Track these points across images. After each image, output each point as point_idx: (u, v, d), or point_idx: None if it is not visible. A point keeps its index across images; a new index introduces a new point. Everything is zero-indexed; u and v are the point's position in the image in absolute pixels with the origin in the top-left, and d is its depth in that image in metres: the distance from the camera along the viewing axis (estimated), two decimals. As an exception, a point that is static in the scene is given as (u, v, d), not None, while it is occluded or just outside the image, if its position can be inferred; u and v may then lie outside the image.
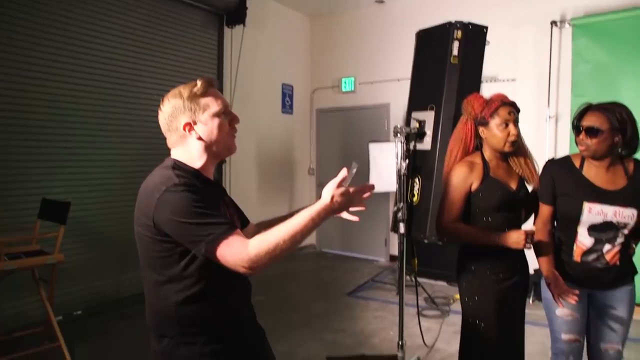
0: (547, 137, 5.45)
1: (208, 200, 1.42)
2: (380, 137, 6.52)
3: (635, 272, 2.35)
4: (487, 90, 5.67)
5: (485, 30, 3.46)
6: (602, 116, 2.17)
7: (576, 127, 2.25)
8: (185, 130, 1.51)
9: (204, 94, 1.53)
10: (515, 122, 2.26)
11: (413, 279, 4.86)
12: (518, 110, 2.30)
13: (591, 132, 2.17)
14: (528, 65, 5.72)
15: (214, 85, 1.58)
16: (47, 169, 4.29)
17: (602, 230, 2.20)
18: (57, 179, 4.37)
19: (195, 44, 5.70)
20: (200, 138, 1.52)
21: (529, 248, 2.19)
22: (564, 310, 2.32)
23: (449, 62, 3.28)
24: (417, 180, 3.37)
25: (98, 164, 4.70)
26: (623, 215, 2.17)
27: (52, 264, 3.40)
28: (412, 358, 3.58)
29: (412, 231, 3.34)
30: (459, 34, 3.28)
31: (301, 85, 7.58)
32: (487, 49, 5.81)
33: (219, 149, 1.57)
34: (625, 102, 2.26)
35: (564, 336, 2.35)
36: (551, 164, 2.38)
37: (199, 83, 1.54)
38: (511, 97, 2.33)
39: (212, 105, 1.53)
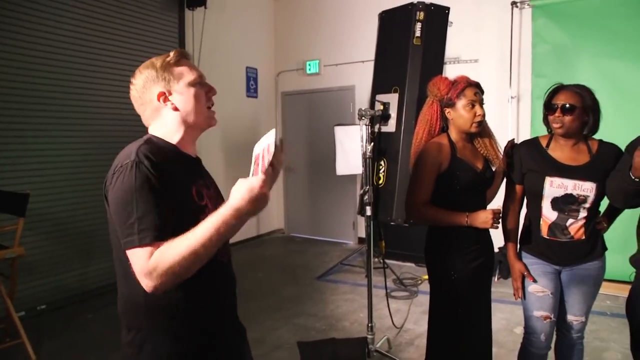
0: (510, 117, 5.57)
1: (168, 185, 1.30)
2: (346, 120, 6.53)
3: (605, 248, 2.43)
4: (451, 71, 5.85)
5: (447, 12, 3.48)
6: (575, 95, 2.28)
7: (549, 106, 2.32)
8: (159, 101, 1.43)
9: (178, 63, 1.46)
10: (481, 102, 2.30)
11: (382, 261, 4.93)
12: (482, 91, 2.35)
13: (566, 109, 2.26)
14: (490, 46, 5.80)
15: (188, 57, 1.50)
16: (5, 159, 4.15)
17: (564, 204, 2.30)
18: (17, 169, 4.23)
19: (155, 27, 5.55)
20: (176, 108, 1.44)
21: (497, 227, 2.27)
22: (536, 287, 2.41)
23: (411, 44, 3.29)
24: (382, 162, 3.39)
25: (60, 152, 4.57)
26: (582, 188, 2.27)
27: (12, 257, 3.31)
28: (381, 339, 3.64)
29: (378, 214, 3.36)
30: (421, 15, 3.28)
31: (266, 68, 7.50)
32: (450, 30, 5.82)
33: (198, 121, 1.47)
34: (581, 82, 2.36)
35: (536, 313, 2.43)
36: (520, 145, 2.48)
37: (172, 53, 1.46)
38: (474, 78, 2.37)
39: (187, 74, 1.46)
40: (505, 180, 2.53)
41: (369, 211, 3.19)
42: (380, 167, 3.36)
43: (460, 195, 2.30)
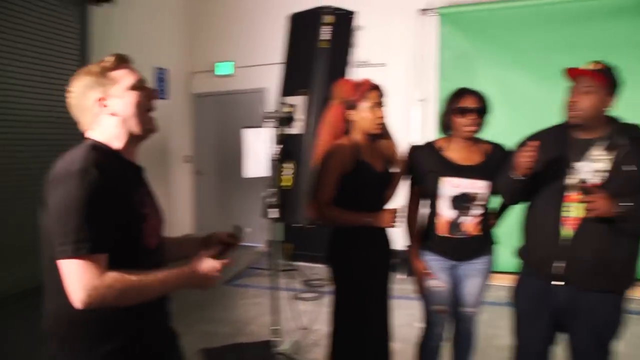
0: (417, 120, 5.76)
1: (112, 194, 1.30)
2: (259, 123, 6.47)
3: (494, 242, 2.59)
4: (360, 74, 5.89)
5: (353, 16, 3.57)
6: (478, 98, 2.41)
7: (458, 109, 2.40)
8: (97, 107, 1.40)
9: (116, 67, 1.43)
10: (382, 105, 2.36)
11: (290, 264, 4.94)
12: (384, 95, 2.42)
13: (481, 112, 2.40)
14: (398, 51, 5.97)
15: (127, 61, 1.47)
16: None
17: (460, 202, 2.42)
18: None
19: (54, 24, 5.10)
20: (115, 114, 1.41)
21: (397, 227, 2.36)
22: (434, 282, 2.52)
23: (319, 47, 3.34)
24: (291, 165, 3.40)
25: None
26: (477, 186, 2.40)
27: None
28: (288, 341, 3.64)
29: (285, 216, 3.36)
30: (328, 18, 3.34)
31: (177, 69, 7.23)
32: (359, 34, 5.99)
33: (138, 128, 1.44)
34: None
35: (434, 307, 2.55)
36: (417, 148, 2.57)
37: (110, 58, 1.44)
38: (383, 81, 2.45)
39: (126, 77, 1.43)
40: (406, 182, 2.61)
41: (272, 213, 3.19)
42: (289, 169, 3.37)
43: (362, 195, 2.35)
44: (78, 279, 1.23)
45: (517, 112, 4.96)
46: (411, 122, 5.75)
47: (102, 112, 1.41)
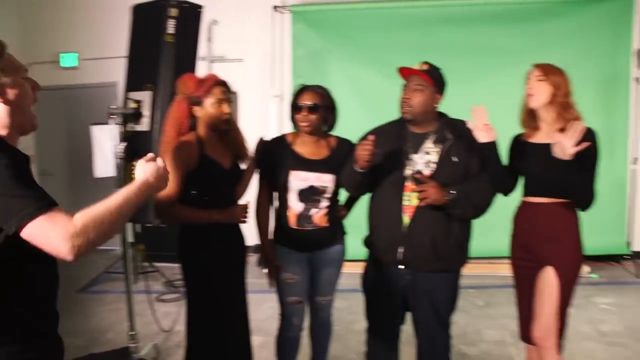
0: (273, 115, 5.83)
1: (25, 169, 1.28)
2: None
3: (345, 233, 2.71)
4: (216, 70, 5.85)
5: (200, 10, 3.48)
6: (317, 95, 2.48)
7: (296, 105, 2.49)
8: None
9: (2, 55, 1.36)
10: (228, 101, 2.35)
11: (149, 265, 4.75)
12: (230, 91, 2.40)
13: (312, 108, 2.44)
14: (255, 47, 5.97)
15: (6, 48, 1.38)
16: None
17: (308, 195, 2.50)
18: None
19: None
20: (5, 102, 1.34)
21: (246, 222, 2.40)
22: (288, 274, 2.57)
23: (164, 41, 3.22)
24: (136, 162, 3.25)
25: None
26: (323, 180, 2.50)
27: None
28: (147, 346, 3.49)
29: (136, 216, 3.21)
30: (173, 11, 3.23)
31: (10, 59, 6.54)
32: (215, 29, 5.91)
33: (23, 120, 1.40)
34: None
35: (289, 299, 2.61)
36: (266, 143, 2.60)
37: None
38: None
39: (16, 66, 1.39)
40: (256, 176, 2.62)
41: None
42: (134, 167, 3.22)
43: (210, 192, 2.32)
44: (54, 233, 1.19)
45: (367, 108, 5.23)
46: (268, 118, 5.81)
47: None
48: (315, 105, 2.47)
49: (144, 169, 1.49)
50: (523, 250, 2.38)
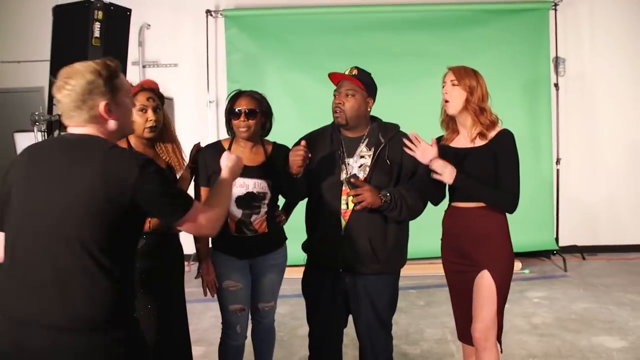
0: (209, 121, 5.74)
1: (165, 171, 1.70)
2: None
3: (285, 238, 2.69)
4: (151, 75, 5.68)
5: (128, 13, 3.34)
6: (254, 100, 2.47)
7: (232, 111, 2.45)
8: (103, 111, 1.52)
9: (119, 73, 1.57)
10: (155, 108, 2.27)
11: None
12: (160, 97, 2.33)
13: (251, 114, 2.43)
14: (190, 51, 5.86)
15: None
16: None
17: (247, 201, 2.47)
18: None
19: None
20: (117, 118, 1.56)
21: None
22: (229, 282, 2.52)
23: (90, 44, 3.07)
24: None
25: None
26: (261, 186, 2.49)
27: None
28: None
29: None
30: (99, 14, 3.08)
31: None
32: (149, 33, 5.75)
33: (131, 129, 1.77)
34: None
35: (231, 307, 2.55)
36: (204, 148, 2.56)
37: (113, 62, 1.56)
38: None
39: (126, 84, 1.61)
40: (193, 184, 2.57)
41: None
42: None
43: None
44: (200, 221, 1.59)
45: (302, 112, 5.24)
46: (204, 124, 5.73)
47: (106, 116, 1.53)
48: (253, 111, 2.45)
49: (229, 158, 1.88)
50: (455, 255, 2.38)
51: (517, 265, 5.02)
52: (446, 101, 2.30)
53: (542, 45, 5.63)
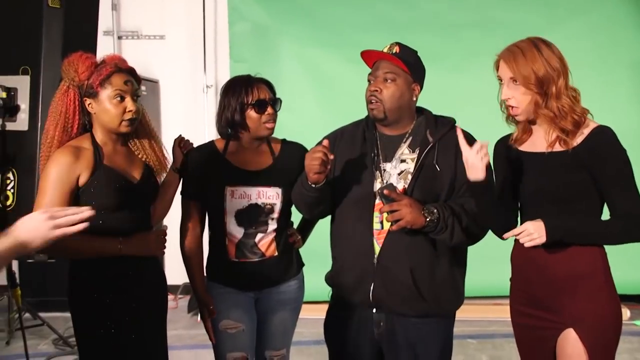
0: (206, 111, 5.76)
1: None
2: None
3: (302, 264, 2.69)
4: (129, 48, 5.76)
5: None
6: (270, 88, 2.53)
7: (261, 102, 2.46)
8: None
9: None
10: (134, 94, 2.30)
11: (31, 316, 4.57)
12: (138, 80, 2.37)
13: (276, 104, 2.51)
14: (179, 20, 5.93)
15: None
16: None
17: (250, 216, 2.49)
18: None
19: None
20: None
21: (163, 253, 2.38)
22: (228, 322, 2.52)
23: (46, 6, 3.12)
24: (11, 175, 3.15)
25: None
26: (267, 195, 2.50)
27: None
28: None
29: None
30: (59, -36, 3.16)
31: None
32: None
33: None
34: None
35: (230, 355, 2.54)
36: (193, 151, 2.59)
37: None
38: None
39: None
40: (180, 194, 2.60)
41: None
42: (8, 180, 3.12)
43: (110, 214, 2.25)
44: None
45: (329, 103, 5.26)
46: (200, 114, 5.77)
47: None
48: (277, 100, 2.52)
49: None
50: (529, 304, 2.26)
51: (626, 313, 4.86)
52: (510, 106, 2.15)
53: None
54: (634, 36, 5.46)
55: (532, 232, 2.00)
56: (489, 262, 3.05)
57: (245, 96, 2.48)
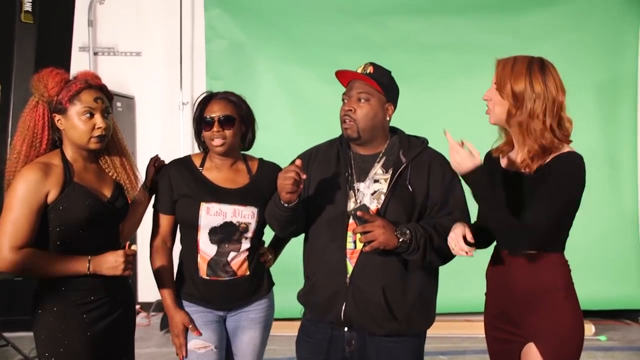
0: (182, 128, 5.71)
1: None
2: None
3: (272, 283, 2.68)
4: (105, 65, 5.72)
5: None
6: (230, 105, 2.49)
7: (203, 120, 2.47)
8: None
9: None
10: (105, 111, 2.27)
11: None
12: (109, 97, 2.34)
13: (227, 122, 2.44)
14: (156, 36, 5.92)
15: None
16: None
17: (224, 234, 2.48)
18: None
19: None
20: None
21: (129, 274, 2.27)
22: (197, 342, 2.49)
23: (18, 21, 3.09)
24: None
25: None
26: (243, 214, 2.49)
27: None
28: None
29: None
30: (31, -22, 3.13)
31: None
32: (102, 10, 5.77)
33: None
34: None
35: None
36: (169, 165, 2.58)
37: None
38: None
39: None
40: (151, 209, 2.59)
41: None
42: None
43: (79, 233, 2.22)
44: None
45: (304, 121, 5.28)
46: (176, 132, 5.73)
47: None
48: (229, 118, 2.46)
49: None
50: (499, 318, 2.27)
51: (590, 329, 4.84)
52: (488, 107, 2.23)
53: (626, 33, 5.58)
54: (600, 60, 5.57)
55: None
56: (460, 279, 3.05)
57: (199, 112, 2.51)
